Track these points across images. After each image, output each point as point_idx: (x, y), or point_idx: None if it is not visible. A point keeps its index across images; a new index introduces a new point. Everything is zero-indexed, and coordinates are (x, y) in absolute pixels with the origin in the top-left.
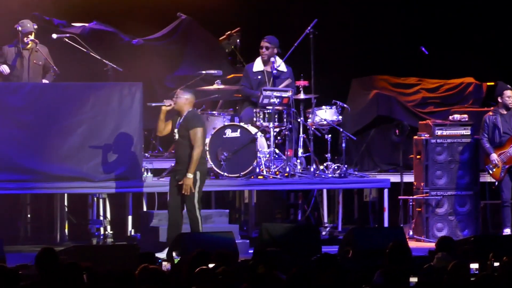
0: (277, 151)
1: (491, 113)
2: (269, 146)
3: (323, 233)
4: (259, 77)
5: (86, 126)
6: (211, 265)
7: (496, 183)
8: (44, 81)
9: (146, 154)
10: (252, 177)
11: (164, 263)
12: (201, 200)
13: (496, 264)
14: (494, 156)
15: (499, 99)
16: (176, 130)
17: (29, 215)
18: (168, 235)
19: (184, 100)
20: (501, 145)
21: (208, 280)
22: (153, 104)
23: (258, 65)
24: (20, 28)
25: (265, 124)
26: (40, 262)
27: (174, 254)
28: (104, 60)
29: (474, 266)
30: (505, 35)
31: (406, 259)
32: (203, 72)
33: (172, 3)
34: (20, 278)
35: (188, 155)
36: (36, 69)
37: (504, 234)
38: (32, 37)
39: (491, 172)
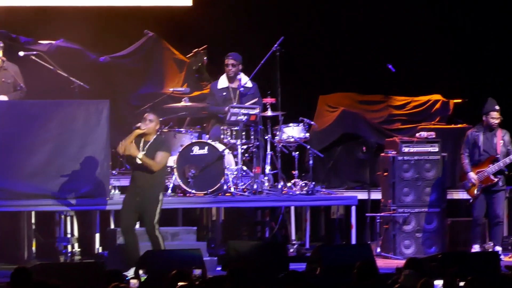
0: (244, 168)
1: (474, 129)
2: (236, 163)
3: (291, 250)
4: (224, 93)
5: (52, 144)
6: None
7: (471, 200)
8: (5, 98)
9: (114, 172)
10: (220, 194)
11: (132, 281)
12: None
13: (461, 283)
14: (471, 175)
15: (484, 117)
16: (142, 153)
17: None
18: (128, 256)
19: (156, 124)
20: (479, 163)
21: None
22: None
23: (222, 82)
24: None
25: (232, 141)
26: (14, 281)
27: (140, 272)
28: (70, 78)
29: (438, 283)
30: (473, 52)
31: (373, 277)
32: (170, 89)
33: (138, 20)
34: None
35: (156, 175)
36: (4, 87)
37: (473, 251)
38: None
39: (466, 188)
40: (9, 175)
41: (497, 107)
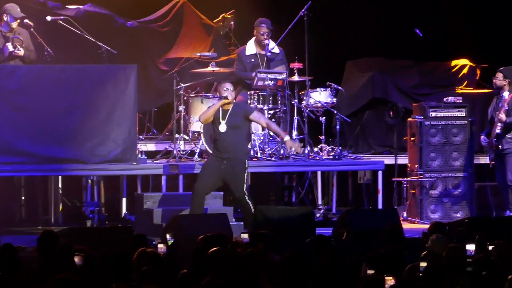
0: (271, 133)
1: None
2: (263, 129)
3: (317, 215)
4: (253, 60)
5: (81, 109)
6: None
7: (490, 166)
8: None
9: (141, 137)
10: (247, 159)
11: (159, 246)
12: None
13: (490, 247)
14: (481, 138)
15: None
16: (223, 122)
17: (23, 198)
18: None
19: (233, 91)
20: (492, 127)
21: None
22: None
23: (250, 48)
24: (7, 12)
25: (259, 106)
26: (41, 245)
27: (168, 236)
28: (98, 43)
29: (470, 247)
30: (501, 17)
31: (400, 241)
32: (198, 54)
33: None
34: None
35: (241, 143)
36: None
37: (507, 215)
38: (14, 25)
39: (487, 152)
40: (39, 140)
41: (501, 68)
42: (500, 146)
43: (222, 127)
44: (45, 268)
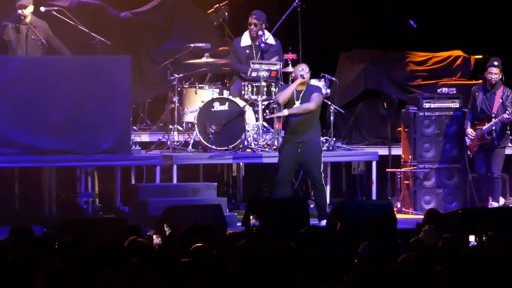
0: (265, 124)
1: (478, 86)
2: (257, 119)
3: (312, 206)
4: (247, 51)
5: (74, 100)
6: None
7: (471, 156)
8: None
9: (134, 127)
10: (240, 150)
11: (154, 237)
12: None
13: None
14: (468, 131)
15: (485, 74)
16: (297, 103)
17: (17, 189)
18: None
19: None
20: (479, 121)
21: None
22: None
23: (245, 39)
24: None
25: (253, 97)
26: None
27: (165, 227)
28: (92, 34)
29: (471, 238)
30: (494, 7)
31: (391, 231)
32: (192, 45)
33: None
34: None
35: (315, 124)
36: (34, 45)
37: (490, 207)
38: (26, 11)
39: (467, 144)
40: (33, 131)
41: (496, 63)
42: (495, 141)
43: (296, 106)
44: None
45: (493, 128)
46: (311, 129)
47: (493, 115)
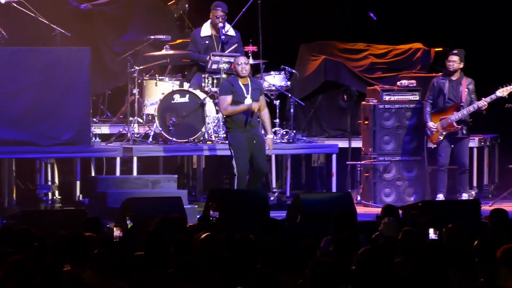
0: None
1: (440, 77)
2: (217, 112)
3: (271, 198)
4: (207, 42)
5: (34, 91)
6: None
7: (433, 147)
8: None
9: (95, 119)
10: (201, 142)
11: (115, 229)
12: None
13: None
14: (429, 125)
15: (445, 62)
16: (248, 96)
17: None
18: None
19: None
20: (444, 110)
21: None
22: None
23: (205, 30)
24: None
25: (214, 89)
26: None
27: (127, 219)
28: (52, 25)
29: (431, 231)
30: (453, 1)
31: (350, 226)
32: (152, 37)
33: None
34: None
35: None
36: None
37: (437, 199)
38: None
39: (430, 135)
40: None
41: (455, 51)
42: (464, 131)
43: (248, 101)
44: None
45: (464, 115)
46: (258, 123)
47: (462, 104)
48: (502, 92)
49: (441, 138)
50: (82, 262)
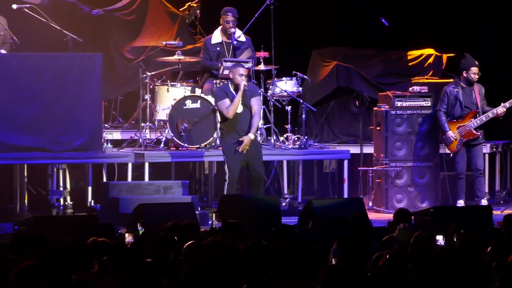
0: None
1: (452, 85)
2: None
3: (283, 204)
4: (218, 48)
5: (46, 97)
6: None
7: (451, 155)
8: (2, 51)
9: (106, 125)
10: (212, 148)
11: (126, 235)
12: None
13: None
14: (450, 134)
15: (464, 73)
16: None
17: None
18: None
19: None
20: (461, 118)
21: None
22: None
23: (216, 37)
24: None
25: None
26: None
27: (138, 225)
28: (63, 31)
29: (439, 237)
30: (466, 6)
31: (367, 229)
32: (164, 43)
33: None
34: None
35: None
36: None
37: (457, 205)
38: None
39: (447, 143)
40: (3, 128)
41: (477, 63)
42: (481, 137)
43: (239, 108)
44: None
45: (483, 121)
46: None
47: (478, 110)
48: None
49: (459, 146)
50: (93, 268)
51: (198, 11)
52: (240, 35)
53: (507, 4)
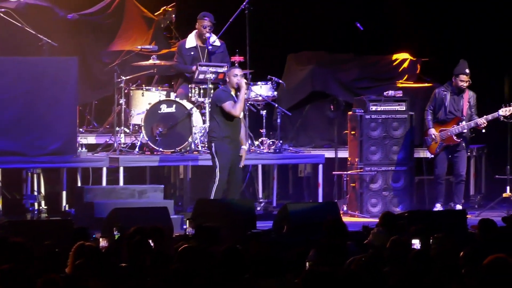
0: None
1: (442, 88)
2: (204, 122)
3: (258, 208)
4: (193, 53)
5: (21, 101)
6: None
7: (431, 157)
8: None
9: (81, 129)
10: (187, 152)
11: (101, 239)
12: None
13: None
14: (431, 131)
15: (453, 78)
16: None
17: None
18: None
19: None
20: (445, 123)
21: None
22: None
23: (191, 41)
24: None
25: (200, 99)
26: None
27: (114, 230)
28: (39, 35)
29: (415, 241)
30: (441, 10)
31: (343, 234)
32: (139, 47)
33: None
34: None
35: None
36: None
37: (434, 209)
38: None
39: (427, 144)
40: None
41: (467, 71)
42: (463, 143)
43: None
44: None
45: (465, 130)
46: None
47: (463, 117)
48: (505, 111)
49: (439, 150)
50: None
51: (173, 16)
52: (215, 40)
53: (483, 8)
